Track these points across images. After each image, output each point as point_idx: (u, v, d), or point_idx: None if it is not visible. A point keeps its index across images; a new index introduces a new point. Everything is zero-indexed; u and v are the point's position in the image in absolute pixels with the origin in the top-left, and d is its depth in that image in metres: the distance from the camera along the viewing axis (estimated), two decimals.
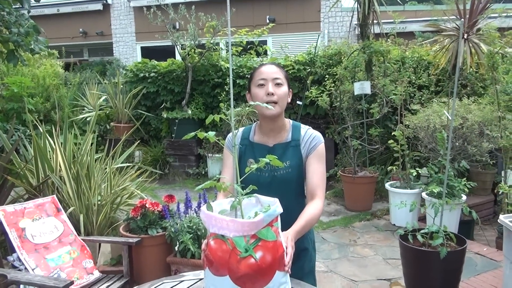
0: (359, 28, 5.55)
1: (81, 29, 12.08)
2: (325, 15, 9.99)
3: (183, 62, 6.77)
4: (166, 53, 9.79)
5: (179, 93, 6.92)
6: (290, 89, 1.72)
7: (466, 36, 4.52)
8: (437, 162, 3.89)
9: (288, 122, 1.74)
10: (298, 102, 6.12)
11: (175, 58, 7.63)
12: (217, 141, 1.35)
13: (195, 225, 2.96)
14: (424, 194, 4.14)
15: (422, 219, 4.39)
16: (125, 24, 11.65)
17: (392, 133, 4.78)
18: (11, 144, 3.74)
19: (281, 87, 1.65)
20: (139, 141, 6.22)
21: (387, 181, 4.88)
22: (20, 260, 2.46)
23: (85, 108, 7.07)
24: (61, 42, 11.46)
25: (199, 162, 6.92)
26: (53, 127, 4.00)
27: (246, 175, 1.31)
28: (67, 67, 8.98)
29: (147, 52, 11.16)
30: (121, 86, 7.08)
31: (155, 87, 6.99)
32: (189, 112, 6.58)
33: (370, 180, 5.04)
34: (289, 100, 1.71)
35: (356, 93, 5.14)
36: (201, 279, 1.61)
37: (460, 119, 4.21)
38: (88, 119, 6.62)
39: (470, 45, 4.53)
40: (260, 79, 1.64)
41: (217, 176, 1.41)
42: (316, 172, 1.64)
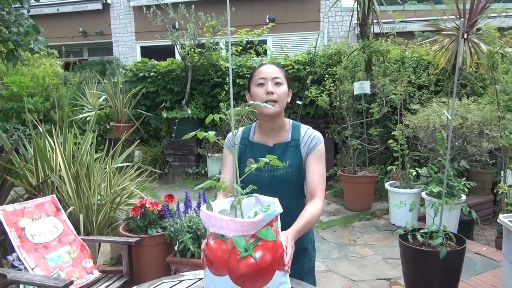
0: (358, 28, 5.55)
1: (80, 29, 12.07)
2: (324, 14, 9.99)
3: (183, 62, 6.77)
4: (165, 52, 9.79)
5: (179, 92, 6.92)
6: (290, 89, 1.72)
7: (465, 35, 4.52)
8: (437, 162, 3.89)
9: (288, 122, 1.74)
10: (298, 102, 6.12)
11: (174, 57, 7.63)
12: (216, 140, 1.35)
13: (194, 224, 2.96)
14: (423, 194, 4.15)
15: (422, 219, 4.39)
16: (124, 23, 11.64)
17: (392, 133, 4.78)
18: (10, 143, 3.74)
19: (280, 86, 1.65)
20: (138, 141, 6.23)
21: (387, 181, 4.88)
22: (19, 260, 2.46)
23: (84, 107, 7.07)
24: (61, 41, 11.46)
25: (198, 162, 6.92)
26: (52, 126, 4.00)
27: (245, 175, 1.31)
28: (66, 66, 8.98)
29: (146, 52, 11.15)
30: (121, 86, 7.07)
31: (155, 87, 6.99)
32: (189, 111, 6.58)
33: (370, 180, 5.04)
34: (288, 100, 1.71)
35: (355, 92, 5.14)
36: (200, 278, 1.61)
37: (459, 119, 4.21)
38: (87, 119, 6.62)
39: (470, 44, 4.53)
40: (260, 78, 1.65)
41: (217, 176, 1.41)
42: (316, 172, 1.64)
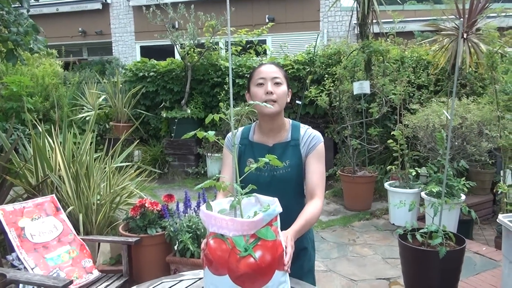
0: (358, 28, 5.55)
1: (80, 28, 12.06)
2: (324, 14, 9.99)
3: (183, 62, 6.76)
4: (165, 52, 9.79)
5: (179, 92, 6.92)
6: (290, 89, 1.72)
7: (465, 35, 4.52)
8: (436, 162, 3.89)
9: (287, 122, 1.74)
10: (298, 102, 6.12)
11: (174, 57, 7.62)
12: (216, 140, 1.35)
13: (194, 224, 2.96)
14: (423, 194, 4.15)
15: (421, 218, 4.39)
16: (124, 23, 11.63)
17: (392, 133, 4.78)
18: (10, 143, 3.74)
19: (280, 86, 1.65)
20: (138, 141, 6.23)
21: (386, 181, 4.88)
22: (19, 260, 2.46)
23: (84, 107, 7.06)
24: (60, 41, 11.45)
25: (198, 162, 6.92)
26: (52, 126, 3.99)
27: (245, 175, 1.31)
28: (66, 66, 8.97)
29: (146, 52, 11.15)
30: (120, 86, 7.07)
31: (155, 87, 6.99)
32: (189, 111, 6.58)
33: (369, 180, 5.05)
34: (288, 100, 1.71)
35: (355, 92, 5.14)
36: (200, 278, 1.62)
37: (459, 118, 4.21)
38: (87, 119, 6.62)
39: (469, 44, 4.53)
40: (259, 78, 1.65)
41: (217, 176, 1.41)
42: (316, 172, 1.64)
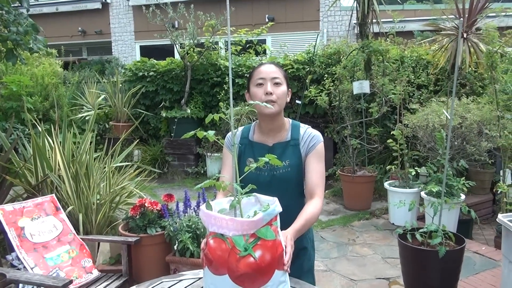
0: (358, 27, 5.55)
1: (80, 28, 12.06)
2: (324, 14, 9.99)
3: (182, 61, 6.76)
4: (165, 52, 9.79)
5: (178, 92, 6.92)
6: (289, 89, 1.72)
7: (465, 35, 4.52)
8: (436, 161, 3.89)
9: (287, 122, 1.74)
10: (297, 102, 6.12)
11: (174, 57, 7.62)
12: (216, 140, 1.35)
13: (194, 224, 2.96)
14: (423, 193, 4.15)
15: (421, 218, 4.40)
16: (124, 23, 11.63)
17: (391, 132, 4.78)
18: (9, 143, 3.73)
19: (280, 86, 1.65)
20: (138, 140, 6.22)
21: (386, 180, 4.88)
22: (19, 259, 2.46)
23: (84, 107, 7.06)
24: (60, 41, 11.46)
25: (198, 161, 6.92)
26: (52, 126, 3.99)
27: (245, 174, 1.31)
28: (66, 66, 8.97)
29: (146, 51, 11.14)
30: (120, 85, 7.07)
31: (154, 86, 6.99)
32: (188, 111, 6.58)
33: (369, 179, 5.05)
34: (288, 100, 1.71)
35: (355, 92, 5.14)
36: (200, 278, 1.62)
37: (459, 118, 4.21)
38: (87, 118, 6.61)
39: (469, 44, 4.53)
40: (259, 78, 1.64)
41: (217, 175, 1.41)
42: (315, 171, 1.64)
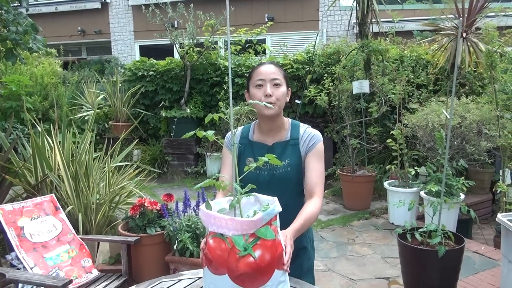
0: (357, 27, 5.55)
1: (79, 28, 12.05)
2: (323, 14, 9.99)
3: (182, 61, 6.76)
4: (164, 51, 9.79)
5: (178, 92, 6.91)
6: (289, 88, 1.72)
7: (464, 35, 4.52)
8: (436, 161, 3.90)
9: (287, 121, 1.74)
10: (297, 101, 6.12)
11: (173, 56, 7.62)
12: (216, 140, 1.35)
13: (193, 224, 2.96)
14: (422, 193, 4.15)
15: (421, 218, 4.40)
16: (123, 22, 11.62)
17: (391, 132, 4.78)
18: (9, 142, 3.73)
19: (279, 87, 1.64)
20: (137, 140, 6.22)
21: (386, 180, 4.88)
22: (18, 259, 2.46)
23: (83, 106, 7.06)
24: (59, 40, 11.46)
25: (197, 161, 6.92)
26: (51, 125, 3.99)
27: (245, 174, 1.31)
28: (65, 65, 8.97)
29: (145, 51, 11.14)
30: (120, 85, 7.06)
31: (154, 86, 6.98)
32: (188, 111, 6.57)
33: (369, 179, 5.05)
34: (287, 99, 1.70)
35: (354, 92, 5.14)
36: (199, 278, 1.62)
37: (458, 118, 4.21)
38: (86, 118, 6.61)
39: (469, 44, 4.53)
40: (259, 79, 1.63)
41: (216, 175, 1.41)
42: (315, 171, 1.64)
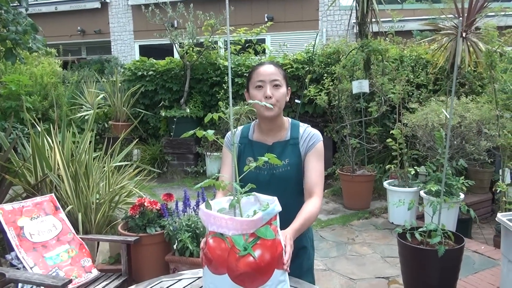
0: (357, 27, 5.54)
1: (79, 27, 12.04)
2: (323, 13, 9.99)
3: (182, 61, 6.76)
4: (164, 51, 9.78)
5: (178, 91, 6.91)
6: (289, 88, 1.71)
7: (464, 34, 4.52)
8: (435, 161, 3.90)
9: (287, 121, 1.74)
10: (297, 101, 6.12)
11: (173, 56, 7.62)
12: (215, 139, 1.35)
13: (193, 223, 2.96)
14: (422, 193, 4.15)
15: (420, 217, 4.40)
16: (123, 22, 11.61)
17: (391, 132, 4.78)
18: (9, 142, 3.73)
19: (279, 88, 1.64)
20: (137, 140, 6.22)
21: (385, 180, 4.88)
22: (18, 259, 2.46)
23: (83, 106, 7.06)
24: (59, 40, 11.44)
25: (197, 161, 6.92)
26: (51, 125, 3.98)
27: (245, 174, 1.31)
28: (65, 65, 8.96)
29: (145, 51, 11.13)
30: (119, 85, 7.06)
31: (153, 86, 6.98)
32: (188, 110, 6.57)
33: (368, 179, 5.05)
34: (287, 99, 1.70)
35: (354, 91, 5.14)
36: (199, 277, 1.62)
37: (458, 117, 4.22)
38: (86, 118, 6.61)
39: (468, 43, 4.53)
40: (258, 81, 1.63)
41: (216, 175, 1.41)
42: (315, 170, 1.64)
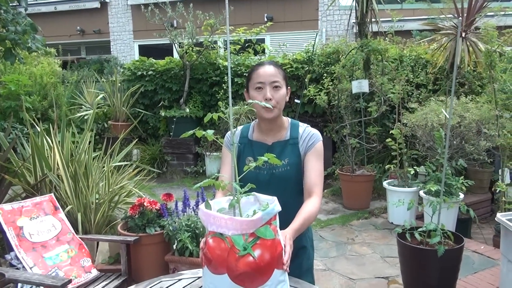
0: (357, 27, 5.55)
1: (78, 27, 12.03)
2: (323, 13, 9.99)
3: (181, 61, 6.75)
4: (163, 51, 9.77)
5: (177, 91, 6.91)
6: (288, 87, 1.71)
7: (463, 34, 4.52)
8: (435, 161, 3.90)
9: (286, 120, 1.74)
10: (296, 101, 6.12)
11: (173, 56, 7.61)
12: (215, 139, 1.35)
13: (193, 223, 2.96)
14: (421, 193, 4.15)
15: (420, 217, 4.41)
16: (122, 22, 11.61)
17: (390, 132, 4.79)
18: (8, 142, 3.72)
19: (279, 90, 1.63)
20: (137, 140, 6.22)
21: (385, 180, 4.89)
22: (18, 259, 2.45)
23: (82, 106, 7.05)
24: (59, 40, 11.43)
25: (197, 161, 6.91)
26: (50, 125, 3.98)
27: (244, 173, 1.31)
28: (64, 65, 8.96)
29: (144, 50, 11.12)
30: (119, 84, 7.06)
31: (153, 86, 6.98)
32: (187, 110, 6.57)
33: (368, 179, 5.05)
34: (287, 99, 1.70)
35: (354, 91, 5.14)
36: (199, 277, 1.61)
37: (457, 117, 4.22)
38: (85, 118, 6.61)
39: (468, 43, 4.53)
40: (258, 82, 1.62)
41: (216, 175, 1.41)
42: (314, 170, 1.64)
